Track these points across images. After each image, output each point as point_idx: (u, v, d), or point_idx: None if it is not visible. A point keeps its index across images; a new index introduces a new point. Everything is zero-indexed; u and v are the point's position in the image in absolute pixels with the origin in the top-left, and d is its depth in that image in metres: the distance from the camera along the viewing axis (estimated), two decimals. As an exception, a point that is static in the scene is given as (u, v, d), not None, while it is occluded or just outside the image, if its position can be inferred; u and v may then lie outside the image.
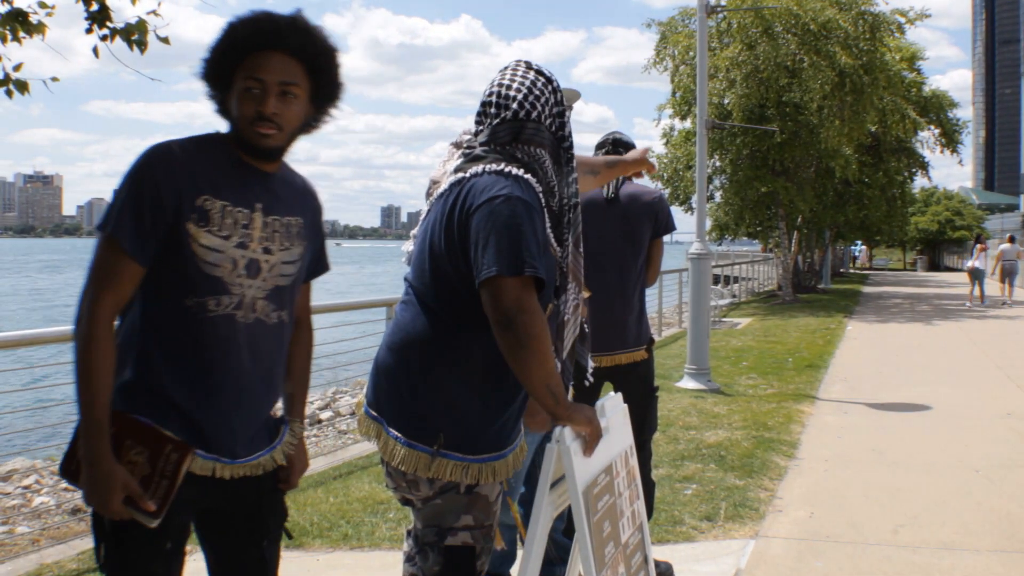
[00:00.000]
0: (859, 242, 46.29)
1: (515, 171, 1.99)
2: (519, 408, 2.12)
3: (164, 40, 5.09)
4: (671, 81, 19.66)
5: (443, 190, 2.07)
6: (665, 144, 21.82)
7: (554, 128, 2.12)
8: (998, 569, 3.64)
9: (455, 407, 2.00)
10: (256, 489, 1.89)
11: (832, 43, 17.01)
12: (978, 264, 19.50)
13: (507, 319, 1.85)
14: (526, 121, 2.07)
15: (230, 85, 1.79)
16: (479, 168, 2.01)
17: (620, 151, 3.50)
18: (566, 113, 2.17)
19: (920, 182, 34.18)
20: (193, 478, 1.75)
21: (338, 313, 7.01)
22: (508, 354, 1.88)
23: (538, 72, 2.13)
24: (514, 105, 2.07)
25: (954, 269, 48.13)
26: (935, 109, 25.82)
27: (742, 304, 20.81)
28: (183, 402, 1.75)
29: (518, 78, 2.11)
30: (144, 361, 1.75)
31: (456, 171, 2.06)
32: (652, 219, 3.48)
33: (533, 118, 2.08)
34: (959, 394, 7.99)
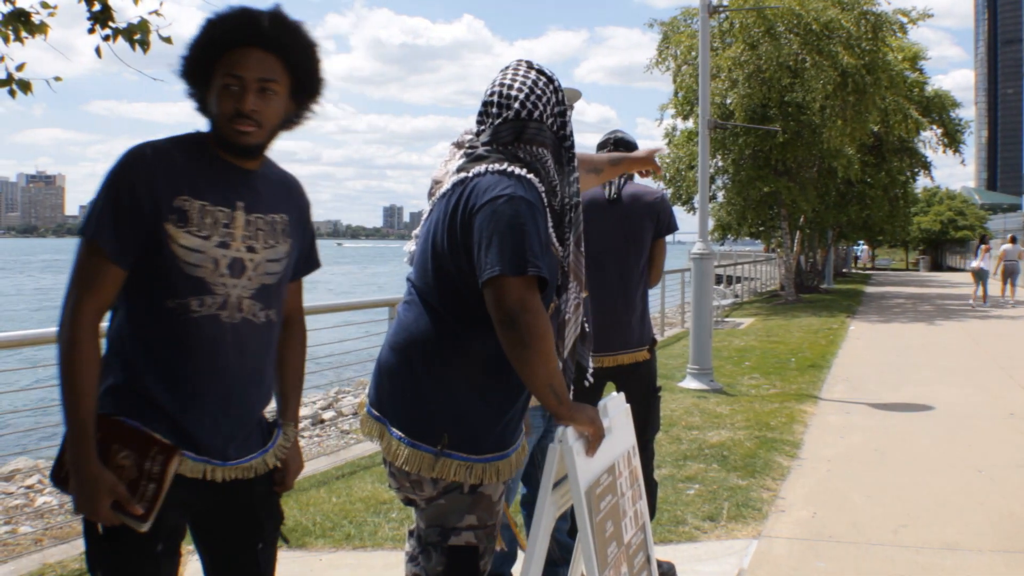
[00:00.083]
0: (861, 242, 46.26)
1: (518, 171, 1.99)
2: (522, 408, 2.12)
3: (166, 40, 5.10)
4: (673, 81, 19.65)
5: (445, 190, 2.07)
6: (667, 144, 21.82)
7: (556, 128, 2.12)
8: (1001, 569, 3.64)
9: (458, 407, 2.00)
10: (250, 492, 1.87)
11: (834, 43, 16.98)
12: (983, 264, 19.48)
13: (510, 318, 1.85)
14: (528, 121, 2.06)
15: (209, 83, 1.77)
16: (482, 168, 2.01)
17: (622, 151, 3.49)
18: (567, 113, 2.17)
19: (923, 182, 34.15)
20: (184, 480, 1.73)
21: (340, 313, 7.01)
22: (511, 353, 1.88)
23: (539, 72, 2.13)
24: (516, 105, 2.07)
25: (956, 269, 48.09)
26: (937, 109, 25.85)
27: (744, 304, 20.78)
28: (169, 404, 1.73)
29: (519, 78, 2.11)
30: (130, 364, 1.74)
31: (458, 171, 2.06)
32: (654, 219, 3.47)
33: (535, 118, 2.07)
34: (962, 394, 7.97)
